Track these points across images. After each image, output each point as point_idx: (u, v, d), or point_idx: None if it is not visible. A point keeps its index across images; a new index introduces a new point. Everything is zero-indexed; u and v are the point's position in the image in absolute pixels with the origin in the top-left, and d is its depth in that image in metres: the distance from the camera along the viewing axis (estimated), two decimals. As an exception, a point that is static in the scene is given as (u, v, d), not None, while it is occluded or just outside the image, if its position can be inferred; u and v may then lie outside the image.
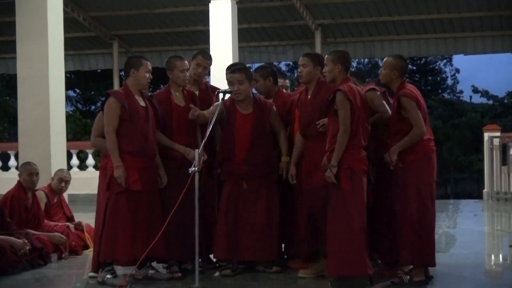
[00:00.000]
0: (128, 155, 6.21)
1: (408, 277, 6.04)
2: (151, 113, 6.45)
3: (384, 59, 6.37)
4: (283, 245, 6.93)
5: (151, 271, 6.40)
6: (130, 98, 6.34)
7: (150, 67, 6.48)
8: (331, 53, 6.32)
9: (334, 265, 5.92)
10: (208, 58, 7.20)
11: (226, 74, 6.99)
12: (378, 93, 6.48)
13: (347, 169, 5.89)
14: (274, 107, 6.84)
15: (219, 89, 6.82)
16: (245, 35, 19.12)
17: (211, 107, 6.66)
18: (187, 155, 6.54)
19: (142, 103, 6.43)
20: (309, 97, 6.48)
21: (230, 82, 6.73)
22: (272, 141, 6.80)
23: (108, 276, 6.27)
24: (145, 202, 6.33)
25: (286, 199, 6.82)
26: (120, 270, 6.49)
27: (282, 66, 39.44)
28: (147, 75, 6.43)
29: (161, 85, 6.74)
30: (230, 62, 11.54)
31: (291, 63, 37.14)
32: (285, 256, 6.97)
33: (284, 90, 7.41)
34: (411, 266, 6.16)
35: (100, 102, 34.10)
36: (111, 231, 6.23)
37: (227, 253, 6.62)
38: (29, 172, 7.85)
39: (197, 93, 7.03)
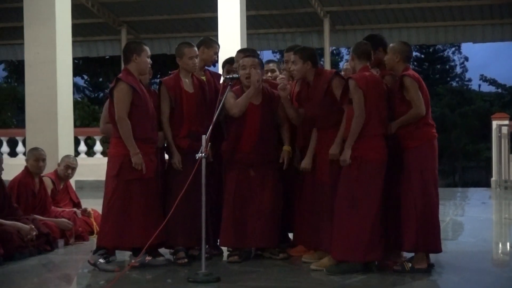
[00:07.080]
0: (140, 142, 6.17)
1: (410, 264, 6.03)
2: (150, 99, 6.44)
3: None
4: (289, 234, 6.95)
5: (147, 258, 6.36)
6: (137, 83, 6.33)
7: (149, 53, 6.46)
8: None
9: (337, 251, 5.98)
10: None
11: (238, 57, 6.95)
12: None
13: (356, 158, 5.92)
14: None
15: (226, 75, 6.78)
16: (253, 22, 19.04)
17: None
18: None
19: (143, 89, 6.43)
20: (310, 90, 6.47)
21: (242, 66, 6.65)
22: (277, 131, 6.78)
23: (101, 260, 6.23)
24: (155, 189, 6.33)
25: (285, 188, 6.81)
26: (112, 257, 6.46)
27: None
28: (148, 60, 6.42)
29: (170, 72, 6.70)
30: (239, 49, 11.48)
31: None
32: (286, 244, 6.99)
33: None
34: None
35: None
36: (122, 218, 6.16)
37: (234, 240, 6.62)
38: (36, 157, 7.85)
39: (204, 78, 6.99)
